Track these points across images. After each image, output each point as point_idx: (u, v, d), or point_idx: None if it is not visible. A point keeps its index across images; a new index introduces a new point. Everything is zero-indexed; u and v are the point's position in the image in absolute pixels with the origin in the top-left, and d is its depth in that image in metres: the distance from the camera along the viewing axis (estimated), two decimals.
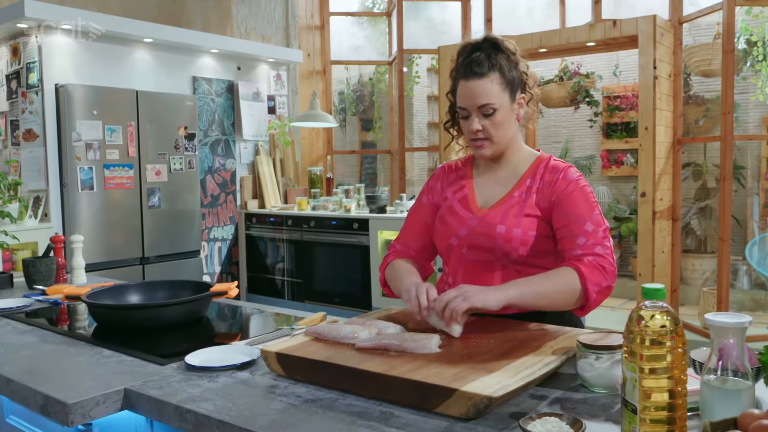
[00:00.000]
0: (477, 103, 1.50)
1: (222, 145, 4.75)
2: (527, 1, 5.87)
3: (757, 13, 4.58)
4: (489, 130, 1.53)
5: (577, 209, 1.50)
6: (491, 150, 1.56)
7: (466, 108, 1.53)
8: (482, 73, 1.49)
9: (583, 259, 1.45)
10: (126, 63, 4.18)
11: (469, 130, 1.54)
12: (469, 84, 1.50)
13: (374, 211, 4.24)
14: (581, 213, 1.49)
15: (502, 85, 1.51)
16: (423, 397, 1.09)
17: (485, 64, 1.49)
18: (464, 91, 1.52)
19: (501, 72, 1.50)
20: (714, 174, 6.26)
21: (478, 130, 1.53)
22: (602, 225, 1.49)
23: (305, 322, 1.69)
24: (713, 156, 6.27)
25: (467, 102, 1.52)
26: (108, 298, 1.86)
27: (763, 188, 6.07)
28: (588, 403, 1.13)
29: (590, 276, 1.42)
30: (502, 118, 1.52)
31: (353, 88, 7.41)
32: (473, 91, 1.50)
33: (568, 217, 1.50)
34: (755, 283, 6.02)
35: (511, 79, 1.52)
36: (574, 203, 1.51)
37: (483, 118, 1.52)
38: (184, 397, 1.21)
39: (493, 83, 1.50)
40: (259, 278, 4.82)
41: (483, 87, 1.49)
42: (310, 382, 1.25)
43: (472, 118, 1.53)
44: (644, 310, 0.81)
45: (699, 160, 6.31)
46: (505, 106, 1.52)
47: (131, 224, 3.95)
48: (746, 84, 5.76)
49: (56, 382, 1.32)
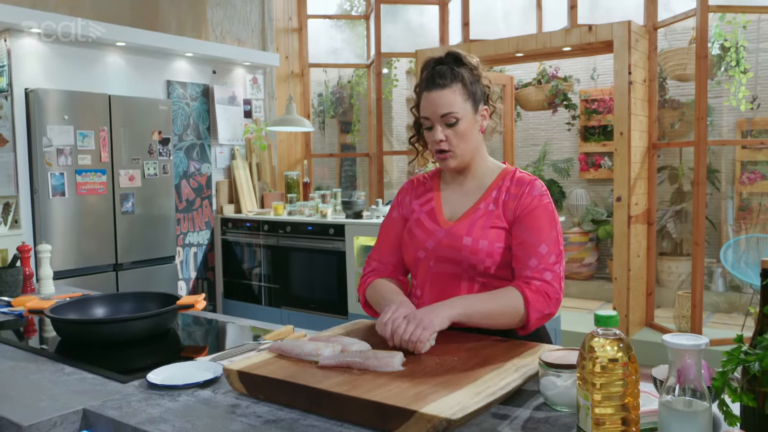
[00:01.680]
0: (439, 112, 1.52)
1: (197, 149, 4.71)
2: (504, 5, 5.89)
3: (730, 19, 4.63)
4: (452, 141, 1.54)
5: (535, 229, 1.52)
6: (455, 162, 1.57)
7: (429, 118, 1.54)
8: (444, 84, 1.51)
9: (531, 283, 1.47)
10: (98, 67, 4.12)
11: (433, 141, 1.55)
12: (432, 95, 1.52)
13: (350, 216, 4.22)
14: (538, 234, 1.51)
15: (465, 96, 1.53)
16: (383, 418, 1.08)
17: (447, 76, 1.52)
18: (427, 101, 1.54)
19: (463, 83, 1.53)
20: (689, 177, 6.32)
21: (441, 140, 1.54)
22: (556, 248, 1.51)
23: (272, 336, 1.67)
24: (689, 159, 6.34)
25: (430, 112, 1.53)
26: (72, 312, 1.83)
27: (737, 192, 6.15)
28: (550, 423, 1.12)
29: (534, 302, 1.45)
30: (464, 129, 1.54)
31: (332, 90, 7.38)
32: (435, 101, 1.52)
33: (526, 235, 1.52)
34: (730, 285, 6.10)
35: (474, 91, 1.55)
36: (534, 221, 1.52)
37: (446, 128, 1.54)
38: (143, 418, 1.19)
39: (456, 94, 1.52)
40: (235, 283, 4.79)
41: (445, 97, 1.51)
42: (272, 401, 1.24)
43: (435, 129, 1.54)
44: (596, 338, 0.80)
45: (675, 163, 6.38)
46: (467, 116, 1.54)
47: (104, 230, 3.89)
48: (720, 89, 5.83)
49: (12, 401, 1.29)
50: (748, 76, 4.83)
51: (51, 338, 1.84)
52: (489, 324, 1.46)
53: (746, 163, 6.10)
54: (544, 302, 1.46)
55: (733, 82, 4.83)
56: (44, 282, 2.48)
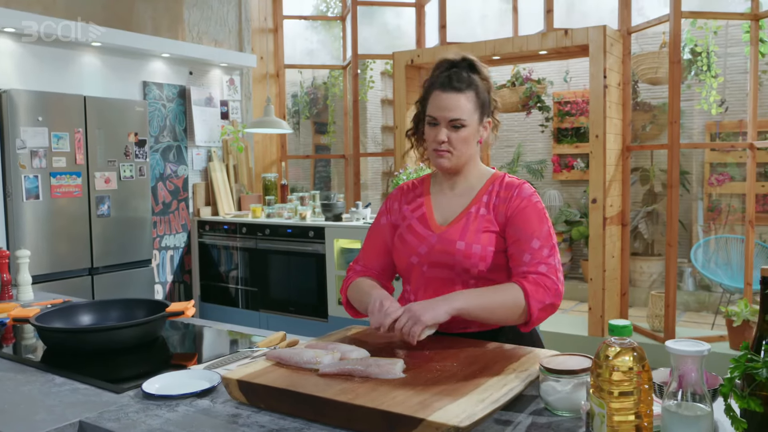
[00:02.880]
0: (449, 116, 1.54)
1: (174, 151, 4.65)
2: (481, 8, 5.93)
3: (701, 25, 4.74)
4: (453, 143, 1.56)
5: (527, 226, 1.54)
6: (451, 162, 1.59)
7: (437, 118, 1.56)
8: (460, 89, 1.54)
9: (528, 277, 1.49)
10: (73, 67, 4.04)
11: (435, 140, 1.57)
12: (445, 96, 1.54)
13: (330, 219, 4.21)
14: (531, 230, 1.53)
15: (475, 105, 1.56)
16: (389, 426, 1.08)
17: (465, 81, 1.54)
18: (439, 101, 1.55)
19: (477, 92, 1.56)
20: (660, 179, 6.46)
21: (443, 141, 1.55)
22: (549, 242, 1.53)
23: (265, 343, 1.66)
24: (660, 161, 6.47)
25: (440, 113, 1.55)
26: (58, 320, 1.80)
27: (706, 193, 6.30)
28: (553, 428, 1.14)
29: (533, 293, 1.46)
30: (467, 135, 1.57)
31: (306, 91, 7.35)
32: (448, 104, 1.54)
33: (518, 233, 1.54)
34: (699, 284, 6.24)
35: (483, 102, 1.58)
36: (525, 219, 1.55)
37: (451, 131, 1.56)
38: (143, 429, 1.17)
39: (468, 101, 1.55)
40: (212, 287, 4.74)
41: (458, 101, 1.54)
42: (273, 410, 1.23)
43: (440, 128, 1.56)
44: (612, 347, 0.82)
45: (646, 165, 6.51)
46: (473, 124, 1.57)
47: (79, 234, 3.82)
48: (691, 92, 5.96)
49: (5, 414, 1.26)
50: (719, 81, 4.94)
51: (36, 347, 1.80)
52: (489, 318, 1.47)
53: (715, 165, 6.25)
54: (543, 293, 1.46)
55: (704, 86, 4.94)
56: (23, 288, 2.43)
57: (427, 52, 5.27)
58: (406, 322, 1.37)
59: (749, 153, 4.48)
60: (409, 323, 1.37)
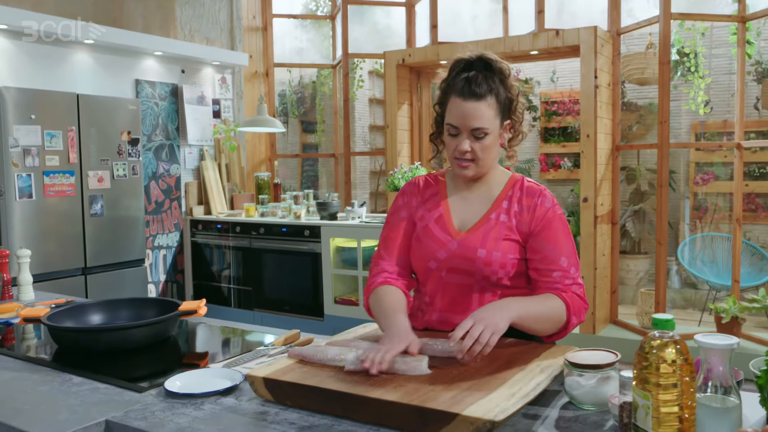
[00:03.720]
0: (471, 125, 1.49)
1: (166, 150, 4.61)
2: (471, 8, 5.97)
3: (689, 26, 4.81)
4: (477, 153, 1.52)
5: (554, 241, 1.52)
6: (474, 171, 1.55)
7: (458, 127, 1.51)
8: (481, 95, 1.47)
9: (567, 291, 1.49)
10: (65, 65, 4.00)
11: (458, 150, 1.52)
12: (466, 105, 1.48)
13: (325, 217, 4.21)
14: (558, 246, 1.52)
15: (496, 110, 1.50)
16: (423, 421, 1.09)
17: (484, 86, 1.48)
18: (459, 110, 1.49)
19: (497, 97, 1.50)
20: (647, 178, 6.54)
21: (467, 151, 1.51)
22: (575, 259, 1.54)
23: (280, 342, 1.66)
24: (645, 161, 6.56)
25: (460, 122, 1.50)
26: (69, 320, 1.78)
27: (691, 192, 6.39)
28: (580, 422, 1.16)
29: (574, 308, 1.47)
30: (490, 143, 1.52)
31: (294, 90, 7.34)
32: (469, 113, 1.48)
33: (545, 249, 1.52)
34: (685, 282, 6.34)
35: (504, 104, 1.52)
36: (552, 234, 1.53)
37: (473, 141, 1.51)
38: (173, 428, 1.17)
39: (489, 108, 1.49)
40: (205, 286, 4.71)
41: (479, 110, 1.48)
42: (300, 407, 1.24)
43: (461, 138, 1.51)
44: (656, 340, 0.84)
45: (633, 164, 6.59)
46: (495, 131, 1.52)
47: (72, 233, 3.77)
48: (677, 93, 6.04)
49: (28, 415, 1.25)
50: (707, 81, 5.02)
51: (46, 347, 1.79)
52: (534, 329, 1.44)
53: (701, 165, 6.35)
54: (581, 308, 1.48)
55: (692, 86, 5.02)
56: (24, 288, 2.41)
57: (419, 51, 5.28)
58: (482, 331, 1.29)
59: (736, 153, 4.56)
60: (486, 332, 1.29)
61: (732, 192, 6.12)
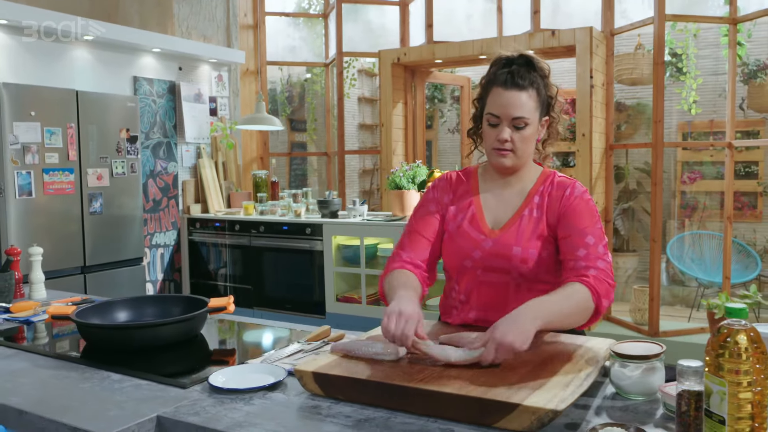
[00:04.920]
0: (512, 114, 1.50)
1: (164, 148, 4.58)
2: (466, 8, 6.00)
3: (681, 27, 4.89)
4: (516, 143, 1.53)
5: (579, 222, 1.53)
6: (512, 161, 1.56)
7: (499, 116, 1.52)
8: (523, 86, 1.50)
9: (588, 275, 1.46)
10: (64, 61, 3.95)
11: (498, 139, 1.53)
12: (508, 93, 1.50)
13: (326, 215, 4.21)
14: (584, 226, 1.52)
15: (537, 103, 1.53)
16: (482, 413, 1.11)
17: (526, 78, 1.51)
18: (501, 99, 1.51)
19: (538, 91, 1.53)
20: (635, 176, 6.65)
21: (506, 140, 1.52)
22: (603, 240, 1.53)
23: (312, 338, 1.67)
24: (634, 159, 6.66)
25: (502, 111, 1.51)
26: (95, 317, 1.77)
27: (678, 190, 6.51)
28: (631, 411, 1.19)
29: (601, 291, 1.44)
30: (530, 134, 1.54)
31: (285, 88, 7.32)
32: (510, 102, 1.50)
33: (571, 229, 1.53)
34: (673, 279, 6.45)
35: (543, 100, 1.55)
36: (578, 216, 1.54)
37: (514, 130, 1.52)
38: (229, 422, 1.18)
39: (531, 99, 1.51)
40: (202, 285, 4.69)
41: (521, 99, 1.50)
42: (352, 400, 1.25)
43: (502, 127, 1.52)
44: (730, 328, 0.87)
45: (621, 163, 6.68)
46: (534, 123, 1.54)
47: (72, 232, 3.73)
48: (667, 93, 6.14)
49: (77, 412, 1.25)
50: (698, 82, 5.11)
51: (71, 344, 1.78)
52: (563, 326, 1.42)
53: (691, 164, 6.47)
54: (606, 289, 1.45)
55: (684, 87, 5.10)
56: (36, 287, 2.39)
57: (414, 50, 5.31)
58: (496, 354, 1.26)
59: (727, 152, 4.65)
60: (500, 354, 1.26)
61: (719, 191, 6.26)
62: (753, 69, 5.82)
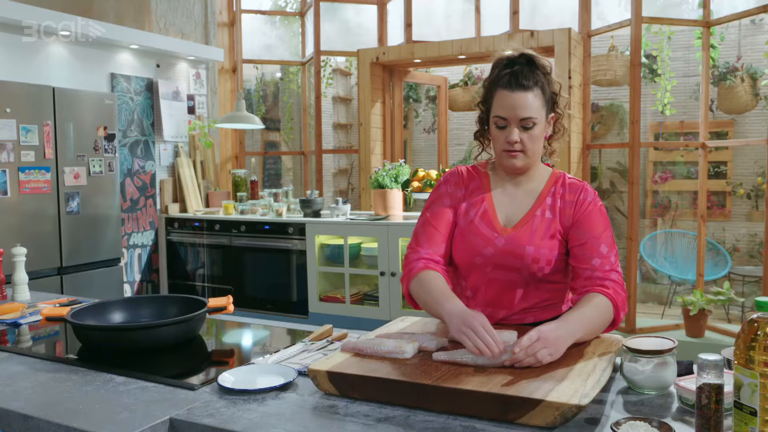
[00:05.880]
0: (520, 115, 1.51)
1: (141, 146, 4.49)
2: (444, 8, 6.03)
3: (656, 30, 4.99)
4: (526, 143, 1.53)
5: (594, 230, 1.55)
6: (523, 162, 1.57)
7: (506, 118, 1.52)
8: (528, 87, 1.50)
9: (606, 285, 1.48)
10: (41, 57, 3.84)
11: (507, 141, 1.53)
12: (514, 95, 1.50)
13: (309, 215, 4.18)
14: (598, 234, 1.54)
15: (542, 101, 1.53)
16: (505, 409, 1.12)
17: (530, 78, 1.51)
18: (507, 101, 1.51)
19: (542, 89, 1.53)
20: (607, 176, 6.77)
21: (516, 141, 1.53)
22: (614, 249, 1.55)
23: (315, 337, 1.66)
24: (606, 159, 6.78)
25: (509, 113, 1.51)
26: (90, 318, 1.73)
27: (650, 190, 6.64)
28: (646, 405, 1.21)
29: (619, 302, 1.48)
30: (538, 133, 1.55)
31: (261, 87, 7.26)
32: (517, 103, 1.50)
33: (585, 237, 1.54)
34: (645, 277, 6.58)
35: (548, 98, 1.56)
36: (592, 224, 1.55)
37: (522, 131, 1.53)
38: (247, 424, 1.16)
39: (536, 98, 1.51)
40: (181, 285, 4.61)
41: (526, 100, 1.50)
42: (368, 399, 1.24)
43: (511, 129, 1.53)
44: (761, 321, 0.88)
45: (594, 163, 6.79)
46: (542, 121, 1.55)
47: (48, 232, 3.64)
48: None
49: (87, 416, 1.22)
50: (673, 83, 5.22)
51: (68, 346, 1.73)
52: (589, 338, 1.44)
53: (665, 164, 6.60)
54: (624, 300, 1.49)
55: (659, 88, 5.20)
56: (19, 288, 2.33)
57: (393, 50, 5.31)
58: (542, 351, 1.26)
59: (701, 152, 4.76)
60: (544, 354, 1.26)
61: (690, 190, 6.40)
62: (723, 71, 5.97)
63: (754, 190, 6.34)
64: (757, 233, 6.26)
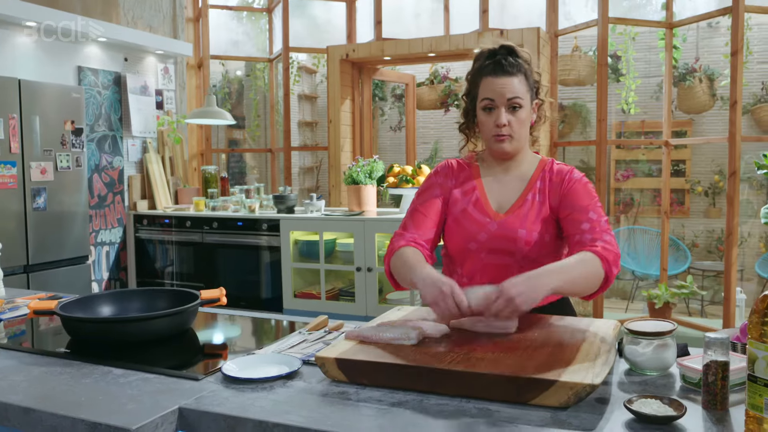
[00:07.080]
0: (507, 95, 1.56)
1: (109, 141, 4.39)
2: (414, 6, 6.06)
3: (621, 30, 5.12)
4: (513, 126, 1.58)
5: (580, 200, 1.59)
6: (512, 146, 1.61)
7: (494, 100, 1.57)
8: (512, 72, 1.57)
9: (597, 244, 1.50)
10: (6, 47, 3.72)
11: (495, 124, 1.58)
12: (499, 80, 1.56)
13: (282, 211, 4.15)
14: (585, 203, 1.59)
15: (527, 87, 1.60)
16: (517, 391, 1.13)
17: (514, 65, 1.58)
18: (493, 85, 1.57)
19: (526, 75, 1.60)
20: None
21: (505, 124, 1.57)
22: (604, 216, 1.60)
23: (313, 327, 1.66)
24: (569, 158, 6.92)
25: (497, 94, 1.57)
26: (78, 311, 1.69)
27: (613, 187, 6.81)
28: (650, 384, 1.24)
29: (610, 259, 1.49)
30: (525, 117, 1.60)
31: (227, 83, 7.17)
32: (503, 86, 1.56)
33: (573, 207, 1.59)
34: None
35: (532, 84, 1.62)
36: (578, 195, 1.60)
37: (510, 112, 1.58)
38: (259, 411, 1.15)
39: (521, 83, 1.58)
40: (150, 284, 4.52)
41: (513, 83, 1.57)
42: (378, 385, 1.24)
43: (499, 112, 1.57)
44: None
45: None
46: (527, 106, 1.60)
47: (14, 229, 3.52)
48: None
49: (92, 407, 1.19)
50: (637, 83, 5.36)
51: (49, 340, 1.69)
52: (575, 291, 1.48)
53: (627, 162, 6.77)
54: (616, 257, 1.51)
55: (624, 87, 5.34)
56: None
57: (363, 47, 5.30)
58: (503, 309, 1.33)
59: (664, 150, 4.90)
60: (506, 310, 1.33)
61: (651, 188, 6.58)
62: (682, 72, 6.16)
63: (711, 188, 6.56)
64: (715, 229, 6.48)
